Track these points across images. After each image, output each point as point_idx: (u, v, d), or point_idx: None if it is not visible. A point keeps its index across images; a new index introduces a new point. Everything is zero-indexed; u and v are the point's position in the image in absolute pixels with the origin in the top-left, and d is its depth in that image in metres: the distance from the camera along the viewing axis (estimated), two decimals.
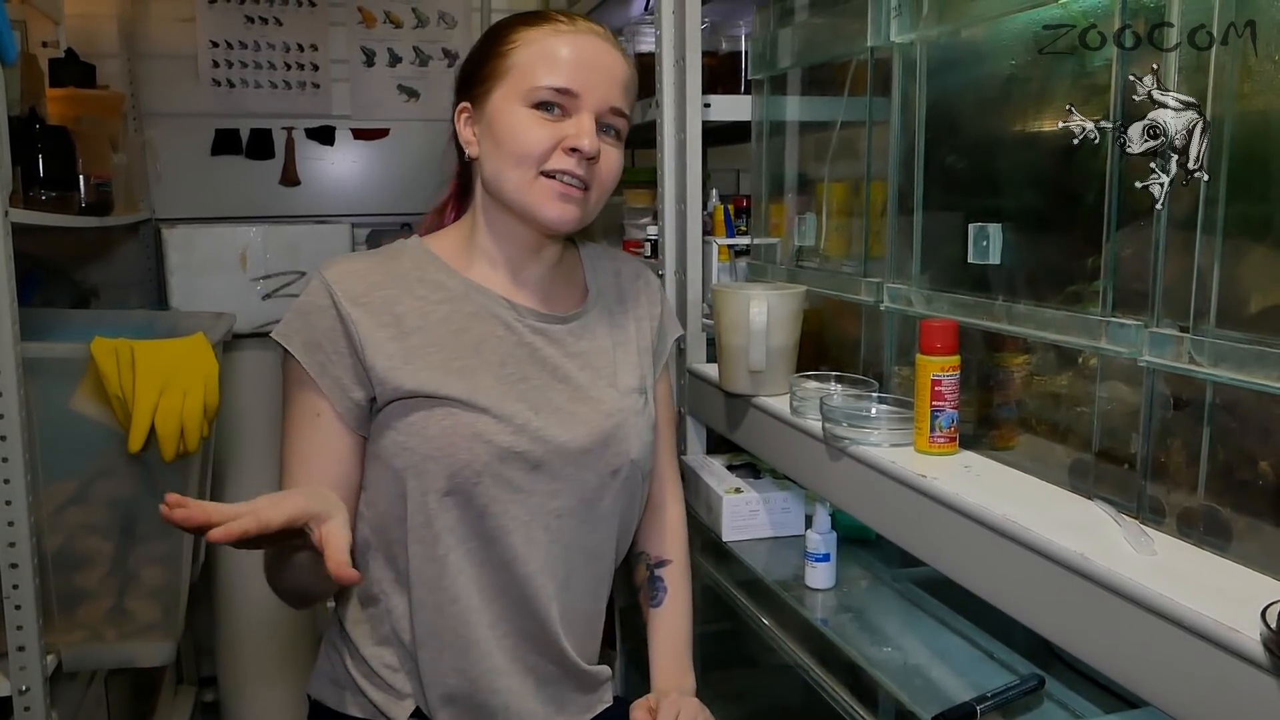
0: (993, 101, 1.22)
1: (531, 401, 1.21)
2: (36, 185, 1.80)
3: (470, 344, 1.21)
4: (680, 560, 1.44)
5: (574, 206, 1.20)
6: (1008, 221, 1.16)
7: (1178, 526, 0.93)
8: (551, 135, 1.18)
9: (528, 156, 1.18)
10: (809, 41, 1.59)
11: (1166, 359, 0.92)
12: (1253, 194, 0.87)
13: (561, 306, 1.30)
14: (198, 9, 2.80)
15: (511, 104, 1.19)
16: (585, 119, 1.18)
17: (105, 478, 1.59)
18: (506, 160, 1.19)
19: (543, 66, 1.18)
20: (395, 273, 1.23)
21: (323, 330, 1.18)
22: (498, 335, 1.23)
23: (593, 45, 1.21)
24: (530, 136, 1.18)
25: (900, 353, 1.37)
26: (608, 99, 1.20)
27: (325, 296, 1.19)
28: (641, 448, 1.29)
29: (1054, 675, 1.21)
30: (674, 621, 1.40)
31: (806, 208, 1.67)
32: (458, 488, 1.17)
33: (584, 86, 1.18)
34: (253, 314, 2.49)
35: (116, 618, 1.62)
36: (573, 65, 1.19)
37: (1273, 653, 0.69)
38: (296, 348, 1.18)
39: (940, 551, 1.08)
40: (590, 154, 1.18)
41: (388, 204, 2.99)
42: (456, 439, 1.16)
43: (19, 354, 1.38)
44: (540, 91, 1.18)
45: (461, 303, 1.23)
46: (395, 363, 1.17)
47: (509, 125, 1.19)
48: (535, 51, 1.20)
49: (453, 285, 1.24)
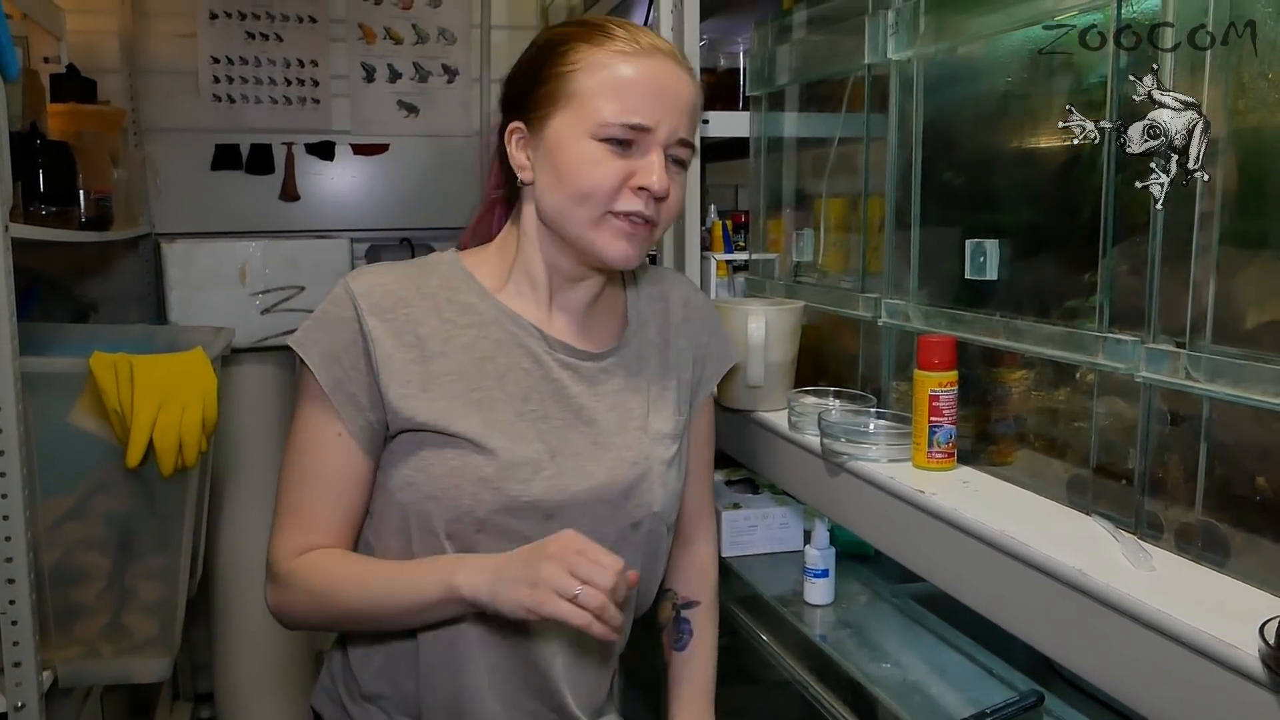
0: (989, 118, 1.23)
1: (550, 443, 1.13)
2: (37, 200, 1.81)
3: (494, 374, 1.13)
4: (709, 603, 1.35)
5: (638, 244, 1.12)
6: (1005, 237, 1.16)
7: (1176, 542, 0.93)
8: (620, 173, 1.08)
9: (595, 195, 1.09)
10: (807, 58, 1.59)
11: (1163, 374, 0.92)
12: (1249, 209, 0.87)
13: (597, 340, 1.21)
14: (199, 25, 2.82)
15: (575, 135, 1.09)
16: (655, 156, 1.09)
17: (103, 492, 1.59)
18: (571, 196, 1.10)
19: (612, 98, 1.08)
20: (424, 290, 1.15)
21: (343, 344, 1.11)
22: (524, 367, 1.15)
23: (662, 70, 1.11)
24: (598, 175, 1.08)
25: (898, 368, 1.38)
26: (676, 130, 1.11)
27: (349, 308, 1.11)
28: (666, 499, 1.20)
29: (1053, 692, 1.21)
30: (699, 667, 1.33)
31: (804, 223, 1.67)
32: (457, 533, 1.10)
33: (655, 120, 1.09)
34: (252, 329, 2.49)
35: (113, 633, 1.62)
36: (643, 96, 1.09)
37: (1271, 669, 0.68)
38: (313, 358, 1.11)
39: (939, 567, 1.08)
40: (661, 194, 1.09)
41: (387, 219, 3.00)
42: (462, 482, 1.09)
43: (18, 369, 1.38)
44: (611, 129, 1.08)
45: (490, 328, 1.15)
46: (411, 390, 1.10)
47: (574, 160, 1.09)
48: (602, 80, 1.09)
49: (483, 309, 1.16)
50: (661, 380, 1.24)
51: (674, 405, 1.24)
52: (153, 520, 1.62)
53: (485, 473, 1.09)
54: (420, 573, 1.08)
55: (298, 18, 2.88)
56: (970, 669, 1.28)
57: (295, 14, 2.87)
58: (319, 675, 1.28)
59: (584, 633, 1.02)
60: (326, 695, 1.25)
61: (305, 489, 1.13)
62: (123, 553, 1.61)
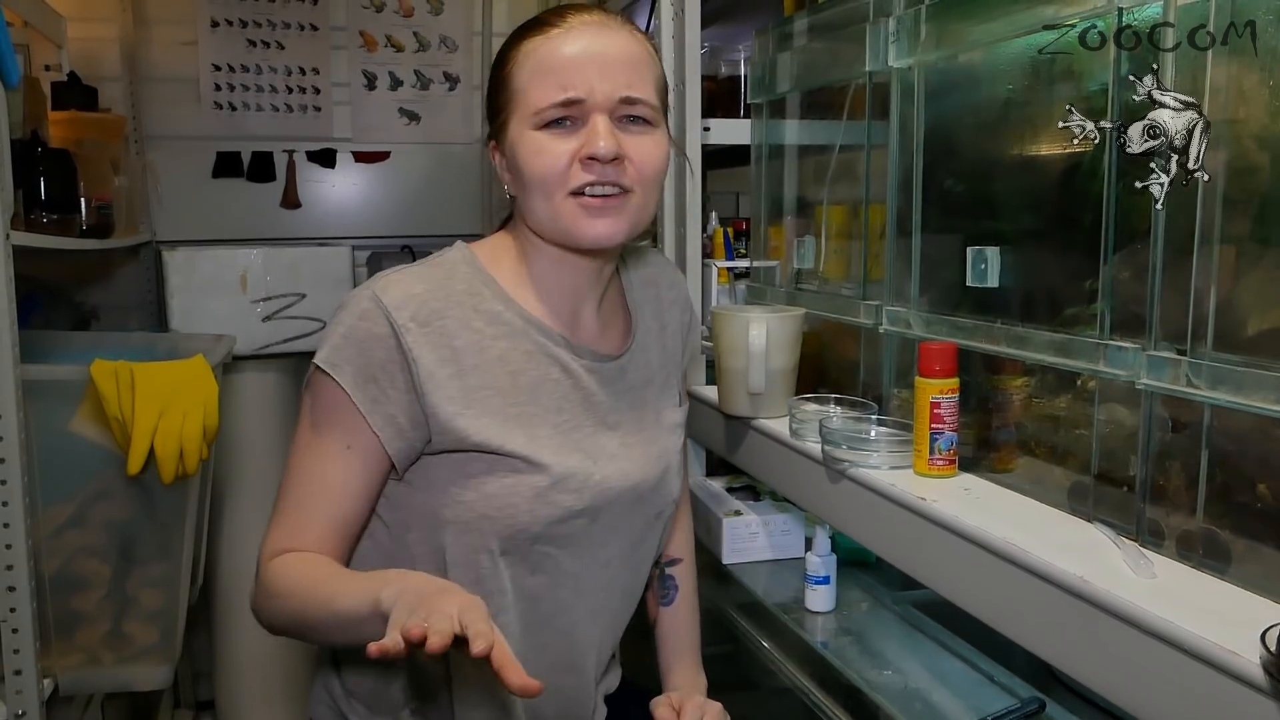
0: (990, 125, 1.23)
1: (589, 451, 1.14)
2: (38, 208, 1.81)
3: (527, 388, 1.12)
4: (689, 559, 1.41)
5: (614, 217, 1.09)
6: (1006, 244, 1.17)
7: (1177, 549, 0.93)
8: (568, 153, 1.07)
9: (547, 181, 1.08)
10: (808, 66, 1.60)
11: (1164, 382, 0.92)
12: (1249, 215, 0.87)
13: (614, 338, 1.22)
14: (200, 32, 2.82)
15: (522, 132, 1.09)
16: (597, 120, 1.07)
17: (104, 500, 1.58)
18: (532, 192, 1.09)
19: (540, 83, 1.08)
20: (452, 297, 1.11)
21: (379, 362, 1.06)
22: (554, 379, 1.14)
23: (588, 37, 1.09)
24: (545, 161, 1.07)
25: (899, 375, 1.38)
26: (617, 90, 1.07)
27: (384, 324, 1.06)
28: (679, 486, 1.27)
29: (1054, 699, 1.20)
30: (685, 620, 1.38)
31: (805, 231, 1.67)
32: (514, 548, 1.11)
33: (586, 88, 1.06)
34: (253, 336, 2.49)
35: (114, 641, 1.62)
36: (569, 69, 1.07)
37: (1272, 676, 0.68)
38: (347, 379, 1.06)
39: (940, 574, 1.08)
40: (607, 156, 1.06)
41: (388, 227, 3.00)
42: (518, 500, 1.09)
43: (19, 376, 1.38)
44: (545, 113, 1.07)
45: (519, 339, 1.13)
46: (456, 407, 1.08)
47: (524, 155, 1.09)
48: (531, 67, 1.09)
49: (509, 318, 1.13)
50: (664, 368, 1.28)
51: (677, 391, 1.29)
52: (153, 528, 1.62)
53: (540, 488, 1.10)
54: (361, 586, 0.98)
55: (299, 25, 2.88)
56: (971, 676, 1.28)
57: (297, 22, 2.88)
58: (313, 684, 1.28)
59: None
60: (322, 704, 1.25)
61: (300, 496, 1.11)
62: (123, 560, 1.61)
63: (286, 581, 1.06)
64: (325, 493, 1.10)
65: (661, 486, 1.22)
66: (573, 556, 1.15)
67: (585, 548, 1.15)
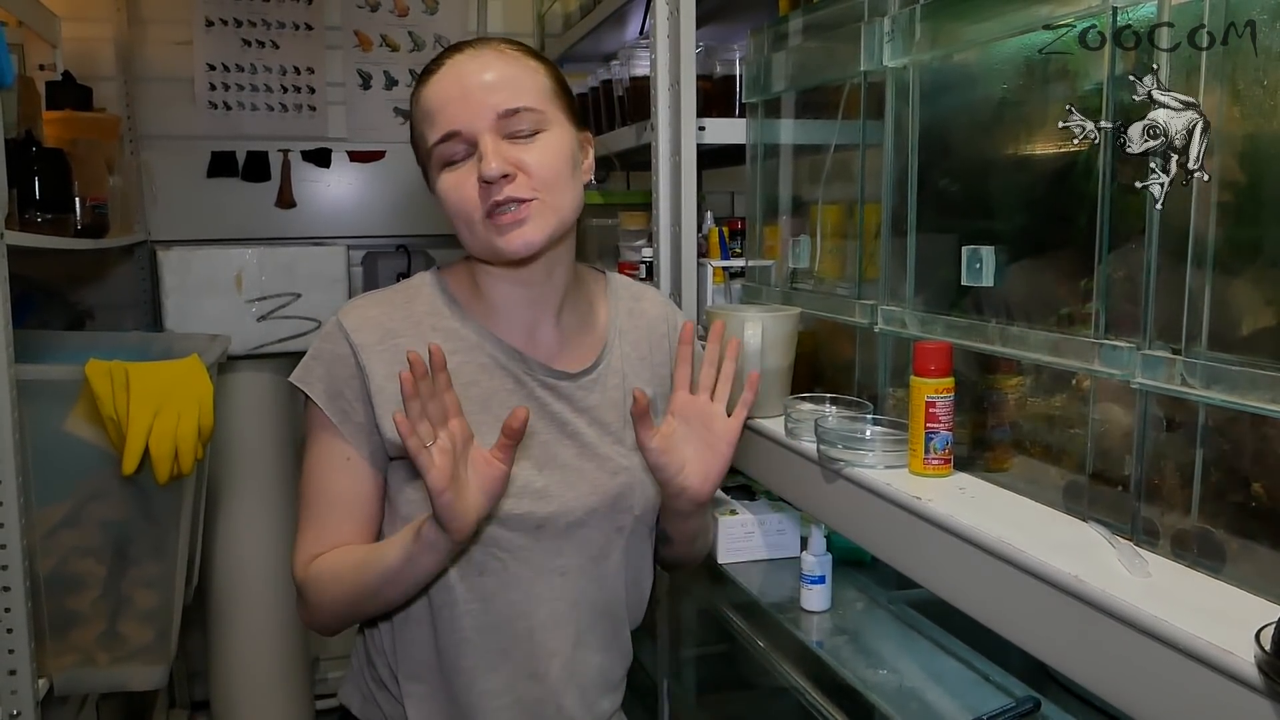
0: (985, 125, 1.23)
1: (537, 458, 1.19)
2: (32, 207, 1.81)
3: (479, 399, 1.18)
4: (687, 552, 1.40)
5: (527, 225, 1.14)
6: (1001, 244, 1.17)
7: (1172, 548, 0.93)
8: (470, 181, 1.13)
9: (462, 213, 1.15)
10: (803, 65, 1.60)
11: (1159, 381, 0.92)
12: (1245, 214, 0.88)
13: (577, 358, 1.26)
14: (194, 32, 2.82)
15: (435, 175, 1.17)
16: (484, 143, 1.12)
17: (98, 500, 1.58)
18: (458, 225, 1.17)
19: (427, 126, 1.16)
20: (411, 318, 1.20)
21: (343, 379, 1.17)
22: (507, 389, 1.20)
23: (457, 71, 1.16)
24: (454, 195, 1.14)
25: (894, 374, 1.38)
26: (491, 108, 1.13)
27: (344, 344, 1.17)
28: (645, 503, 1.26)
29: (1049, 698, 1.21)
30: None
31: (801, 230, 1.67)
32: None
33: (462, 120, 1.13)
34: (248, 336, 2.49)
35: (109, 641, 1.62)
36: (444, 107, 1.14)
37: (1267, 674, 0.68)
38: (319, 395, 1.18)
39: (935, 574, 1.08)
40: (494, 176, 1.11)
41: (383, 226, 3.00)
42: None
43: (13, 376, 1.38)
44: (437, 153, 1.15)
45: (474, 353, 1.20)
46: None
47: (441, 195, 1.17)
48: (419, 116, 1.18)
49: (466, 334, 1.21)
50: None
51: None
52: (148, 528, 1.62)
53: None
54: (398, 538, 1.12)
55: (294, 25, 2.88)
56: (966, 675, 1.28)
57: (291, 21, 2.88)
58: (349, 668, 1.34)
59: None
60: (354, 686, 1.31)
61: (319, 509, 1.20)
62: (118, 560, 1.61)
63: (331, 572, 1.17)
64: (340, 502, 1.19)
65: (620, 502, 1.23)
66: (520, 561, 1.18)
67: (534, 554, 1.19)
